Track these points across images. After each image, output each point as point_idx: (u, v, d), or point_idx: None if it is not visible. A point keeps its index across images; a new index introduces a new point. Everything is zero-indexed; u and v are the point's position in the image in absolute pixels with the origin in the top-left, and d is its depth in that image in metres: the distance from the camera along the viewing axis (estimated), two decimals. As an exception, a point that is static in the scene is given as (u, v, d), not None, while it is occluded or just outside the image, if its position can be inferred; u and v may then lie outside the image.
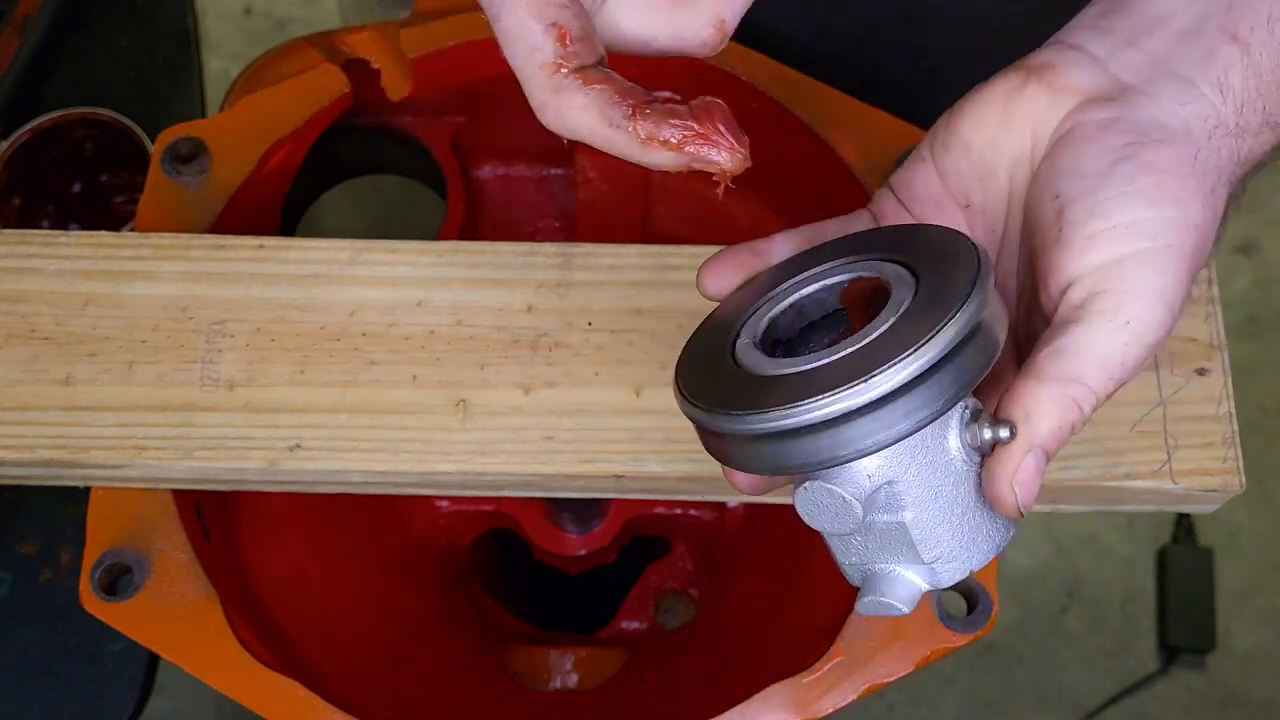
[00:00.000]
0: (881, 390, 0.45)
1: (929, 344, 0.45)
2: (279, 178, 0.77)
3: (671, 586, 0.90)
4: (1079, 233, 0.48)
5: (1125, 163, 0.48)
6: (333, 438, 0.64)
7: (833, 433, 0.45)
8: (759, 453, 0.47)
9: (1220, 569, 1.65)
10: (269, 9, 1.88)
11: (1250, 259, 1.79)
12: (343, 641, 0.76)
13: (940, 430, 0.48)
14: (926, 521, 0.48)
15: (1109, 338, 0.47)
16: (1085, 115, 0.50)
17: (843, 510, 0.48)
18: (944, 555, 0.49)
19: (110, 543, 0.66)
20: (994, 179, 0.52)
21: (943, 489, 0.48)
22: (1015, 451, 0.47)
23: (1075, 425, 0.48)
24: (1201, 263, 0.49)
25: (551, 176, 0.90)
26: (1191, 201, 0.48)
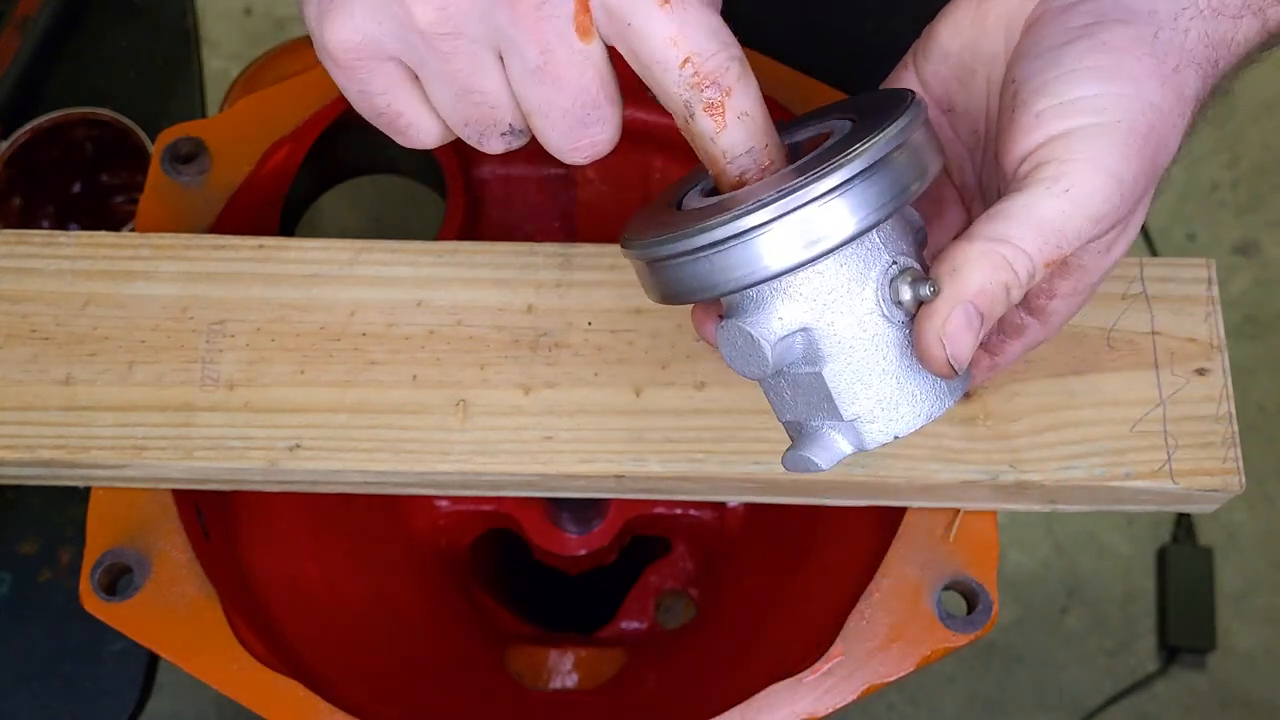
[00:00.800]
0: (775, 211, 0.45)
1: (833, 166, 0.45)
2: (279, 178, 0.77)
3: (671, 586, 0.90)
4: (1028, 112, 0.47)
5: (1079, 41, 0.47)
6: (333, 438, 0.64)
7: (733, 250, 0.46)
8: (675, 277, 0.48)
9: (1220, 569, 1.65)
10: (269, 9, 1.88)
11: (1250, 259, 1.79)
12: (343, 641, 0.76)
13: (858, 278, 0.48)
14: (844, 375, 0.48)
15: (1045, 202, 0.46)
16: (1051, 2, 0.49)
17: (754, 352, 0.48)
18: (864, 414, 0.49)
19: (110, 543, 0.66)
20: (973, 79, 0.52)
21: (859, 342, 0.48)
22: (941, 303, 0.46)
23: (1009, 286, 0.46)
24: (1161, 150, 0.48)
25: (551, 176, 0.90)
26: (1147, 80, 0.47)
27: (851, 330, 0.48)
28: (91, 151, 0.92)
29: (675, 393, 0.65)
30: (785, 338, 0.48)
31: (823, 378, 0.48)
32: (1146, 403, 0.64)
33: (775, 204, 0.45)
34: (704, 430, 0.64)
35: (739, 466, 0.64)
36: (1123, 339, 0.66)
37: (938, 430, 0.64)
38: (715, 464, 0.64)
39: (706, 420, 0.64)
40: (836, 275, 0.47)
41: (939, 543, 0.66)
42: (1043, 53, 0.48)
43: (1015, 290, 0.46)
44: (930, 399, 0.50)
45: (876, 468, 0.63)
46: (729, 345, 0.49)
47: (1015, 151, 0.48)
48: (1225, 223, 1.81)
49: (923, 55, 0.53)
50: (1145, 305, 0.66)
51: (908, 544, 0.66)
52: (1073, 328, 0.66)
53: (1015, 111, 0.48)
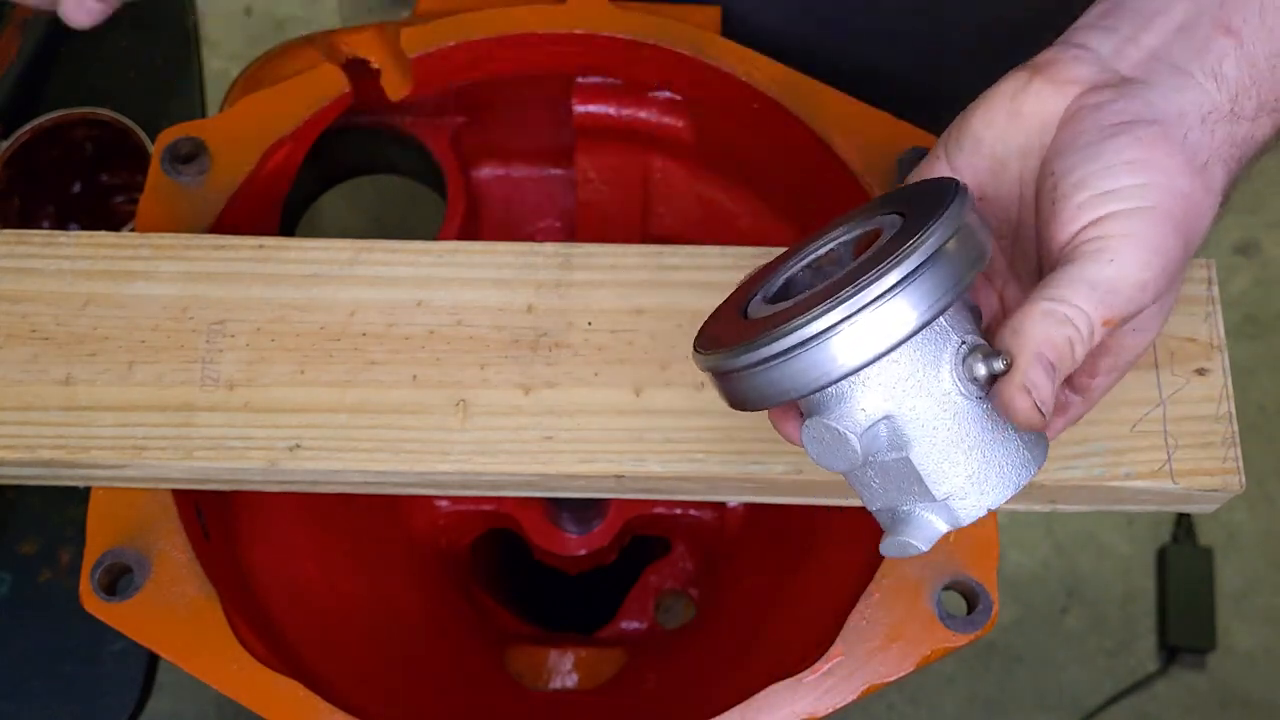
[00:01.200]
0: (844, 312, 0.46)
1: (896, 260, 0.47)
2: (279, 178, 0.77)
3: (671, 586, 0.90)
4: (1070, 203, 0.50)
5: (1115, 138, 0.50)
6: (333, 438, 0.64)
7: (809, 354, 0.47)
8: (751, 385, 0.49)
9: (1220, 569, 1.65)
10: (269, 9, 1.89)
11: (1250, 259, 1.79)
12: (343, 641, 0.76)
13: (932, 362, 0.49)
14: (931, 456, 0.50)
15: (1094, 269, 0.49)
16: (1085, 100, 0.52)
17: (841, 445, 0.50)
18: (955, 491, 0.50)
19: (110, 543, 0.65)
20: (1005, 171, 0.54)
21: (942, 422, 0.50)
22: (1018, 358, 0.48)
23: (1072, 340, 0.48)
24: (1194, 233, 0.51)
25: (551, 176, 0.90)
26: (1179, 173, 0.50)
27: (933, 411, 0.50)
28: (91, 151, 0.92)
29: (675, 393, 0.65)
30: (870, 428, 0.49)
31: (910, 461, 0.50)
32: (1146, 403, 0.64)
33: (845, 304, 0.47)
34: (704, 430, 0.64)
35: (739, 466, 0.64)
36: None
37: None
38: (715, 464, 0.64)
39: (706, 420, 0.64)
40: (912, 362, 0.49)
41: (939, 542, 0.66)
42: (1081, 148, 0.51)
43: (1079, 346, 0.49)
44: (1016, 468, 0.51)
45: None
46: (815, 443, 0.50)
47: (1059, 238, 0.50)
48: (1225, 223, 1.81)
49: (955, 145, 0.55)
50: (1145, 305, 0.66)
51: (908, 544, 0.66)
52: (1073, 328, 0.66)
53: (1057, 204, 0.51)
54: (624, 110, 0.83)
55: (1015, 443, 0.51)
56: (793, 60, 0.77)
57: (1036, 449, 0.52)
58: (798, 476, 0.64)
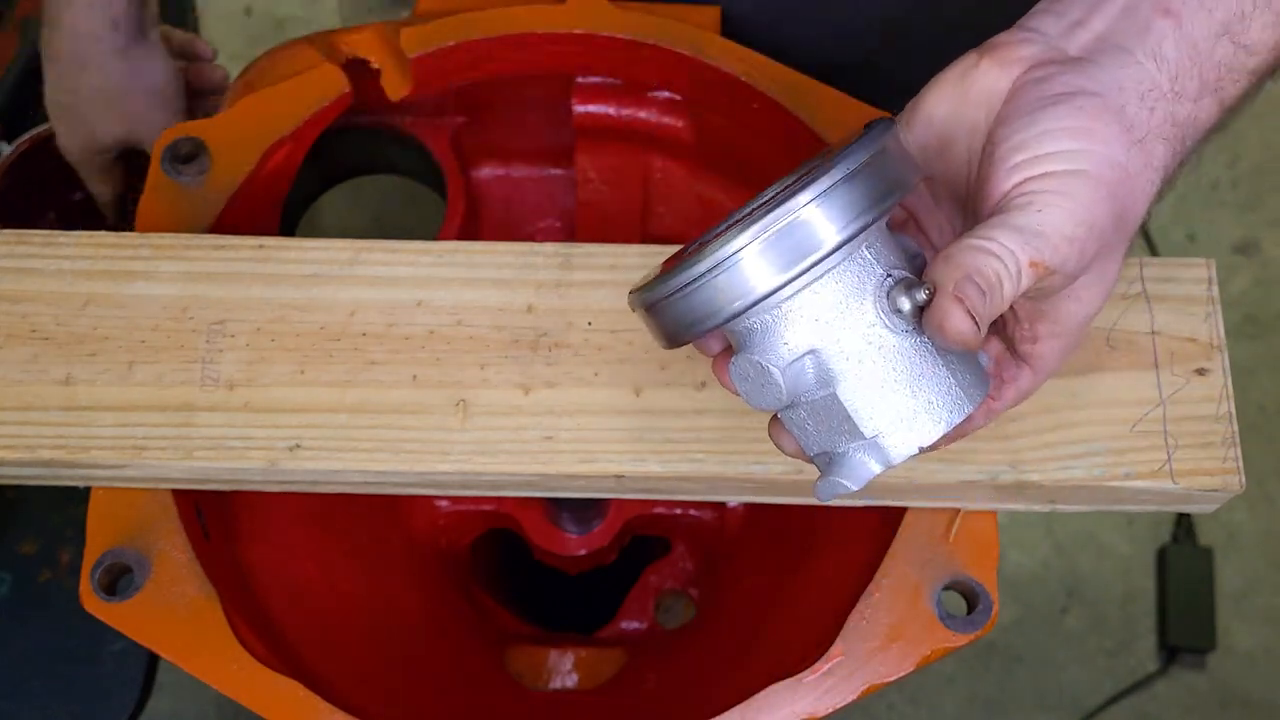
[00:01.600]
0: (754, 234, 0.46)
1: (806, 181, 0.47)
2: (279, 178, 0.77)
3: (671, 586, 0.90)
4: (1004, 165, 0.51)
5: (1054, 106, 0.51)
6: (333, 438, 0.64)
7: (723, 276, 0.47)
8: (673, 314, 0.49)
9: (1220, 569, 1.65)
10: (269, 9, 1.89)
11: (1250, 259, 1.79)
12: (343, 641, 0.76)
13: (855, 294, 0.49)
14: (858, 392, 0.49)
15: (1021, 216, 0.49)
16: (1029, 75, 0.53)
17: (766, 381, 0.49)
18: (885, 429, 0.50)
19: (110, 543, 0.65)
20: (953, 148, 0.55)
21: (867, 356, 0.49)
22: (945, 280, 0.48)
23: (1000, 275, 0.48)
24: (1129, 204, 0.51)
25: (551, 176, 0.90)
26: (1115, 142, 0.51)
27: (858, 345, 0.49)
28: None
29: (675, 393, 0.65)
30: (794, 362, 0.49)
31: (838, 398, 0.50)
32: (1146, 403, 0.64)
33: (754, 226, 0.46)
34: (704, 430, 0.64)
35: (739, 466, 0.64)
36: (1123, 339, 0.66)
37: (938, 430, 0.64)
38: (715, 464, 0.64)
39: (706, 420, 0.64)
40: (834, 292, 0.49)
41: (939, 543, 0.66)
42: (1021, 115, 0.52)
43: (1007, 282, 0.49)
44: (948, 404, 0.50)
45: (876, 468, 0.63)
46: (743, 380, 0.50)
47: (993, 196, 0.51)
48: (1225, 222, 1.81)
49: (907, 123, 0.56)
50: (1145, 305, 0.66)
51: (908, 544, 0.66)
52: (1073, 328, 0.66)
53: (992, 167, 0.51)
54: (624, 110, 0.83)
55: (947, 379, 0.50)
56: (791, 60, 0.77)
57: (971, 389, 0.51)
58: (798, 476, 0.64)
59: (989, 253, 0.49)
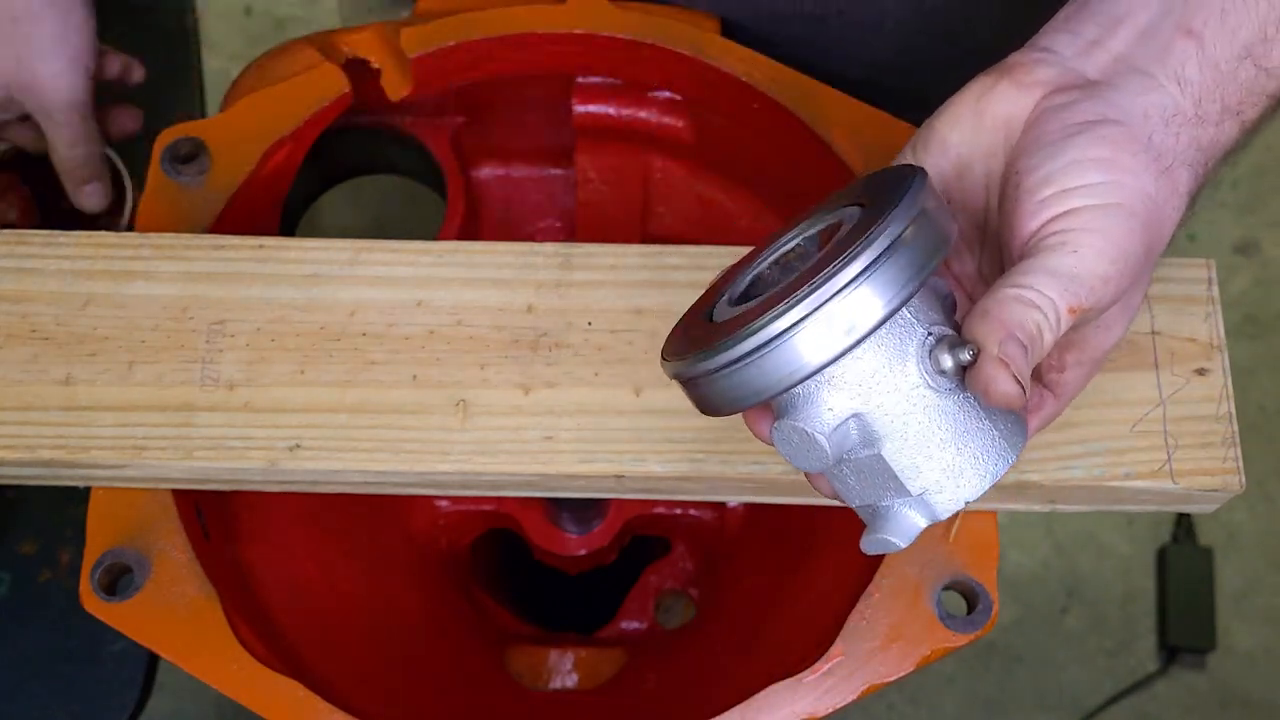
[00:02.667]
0: (803, 310, 0.46)
1: (853, 254, 0.46)
2: (279, 178, 0.77)
3: (671, 586, 0.90)
4: (1033, 199, 0.50)
5: (1079, 136, 0.50)
6: (333, 438, 0.64)
7: (770, 356, 0.47)
8: (716, 391, 0.49)
9: (1220, 569, 1.65)
10: (269, 9, 1.88)
11: (1250, 259, 1.79)
12: (343, 641, 0.76)
13: (898, 356, 0.49)
14: (903, 452, 0.49)
15: (1056, 259, 0.49)
16: (1050, 101, 0.52)
17: (810, 446, 0.49)
18: (931, 486, 0.50)
19: (110, 543, 0.65)
20: (970, 174, 0.54)
21: (912, 416, 0.49)
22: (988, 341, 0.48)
23: (1040, 325, 0.48)
24: (1158, 234, 0.51)
25: (551, 176, 0.90)
26: (1144, 173, 0.50)
27: (901, 407, 0.49)
28: None
29: (675, 393, 0.64)
30: (838, 427, 0.49)
31: (883, 458, 0.49)
32: (1146, 403, 0.64)
33: (803, 304, 0.46)
34: (704, 430, 0.64)
35: (739, 466, 0.64)
36: (1123, 339, 0.66)
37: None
38: (715, 464, 0.64)
39: (706, 420, 0.64)
40: (876, 357, 0.48)
41: (939, 543, 0.66)
42: (1045, 146, 0.51)
43: (1047, 332, 0.48)
44: (992, 457, 0.50)
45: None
46: (786, 444, 0.50)
47: (1022, 234, 0.50)
48: (1225, 223, 1.81)
49: (922, 148, 0.55)
50: (1145, 305, 0.66)
51: (908, 544, 0.66)
52: (1073, 328, 0.66)
53: (1020, 200, 0.50)
54: (624, 110, 0.83)
55: (990, 432, 0.50)
56: (791, 60, 0.77)
57: (1013, 437, 0.51)
58: (798, 476, 0.64)
59: (1028, 303, 0.48)
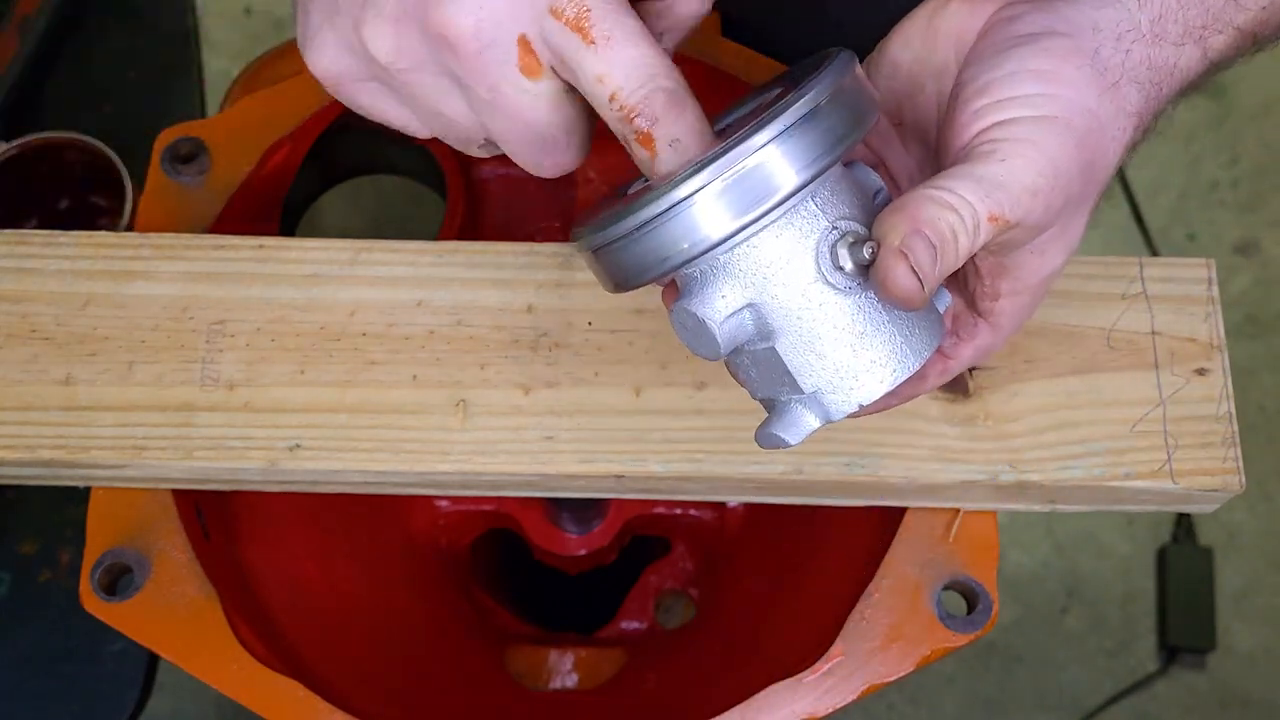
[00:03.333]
0: (697, 183, 0.44)
1: (747, 134, 0.44)
2: (279, 178, 0.77)
3: (671, 586, 0.90)
4: (968, 109, 0.48)
5: (1022, 47, 0.49)
6: (333, 438, 0.64)
7: (662, 229, 0.45)
8: (619, 261, 0.47)
9: (1220, 569, 1.65)
10: (269, 9, 1.88)
11: (1250, 259, 1.79)
12: (343, 641, 0.76)
13: (796, 251, 0.47)
14: (796, 348, 0.47)
15: (982, 166, 0.47)
16: (1000, 14, 0.51)
17: (703, 332, 0.47)
18: (824, 385, 0.48)
19: (110, 543, 0.66)
20: (921, 93, 0.53)
21: (806, 313, 0.47)
22: (891, 233, 0.45)
23: (954, 228, 0.46)
24: (1098, 152, 0.49)
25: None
26: (1086, 86, 0.48)
27: (796, 302, 0.47)
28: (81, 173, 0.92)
29: (675, 393, 0.65)
30: (731, 316, 0.47)
31: (776, 352, 0.48)
32: (1146, 403, 0.64)
33: (700, 174, 0.44)
34: (704, 430, 0.64)
35: (739, 466, 0.64)
36: (1123, 339, 0.66)
37: (937, 430, 0.64)
38: (715, 464, 0.64)
39: (706, 420, 0.64)
40: (773, 247, 0.46)
41: (939, 543, 0.66)
42: (987, 57, 0.49)
43: (962, 236, 0.46)
44: (892, 362, 0.48)
45: (876, 467, 0.63)
46: (681, 328, 0.48)
47: (956, 143, 0.48)
48: (1225, 223, 1.81)
49: (875, 69, 0.54)
50: (1145, 305, 0.66)
51: (908, 544, 0.66)
52: (1072, 328, 0.66)
53: (955, 111, 0.49)
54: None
55: (892, 336, 0.48)
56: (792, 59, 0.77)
57: (918, 344, 0.49)
58: (798, 476, 0.64)
59: (944, 204, 0.45)
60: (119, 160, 0.87)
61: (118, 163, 0.87)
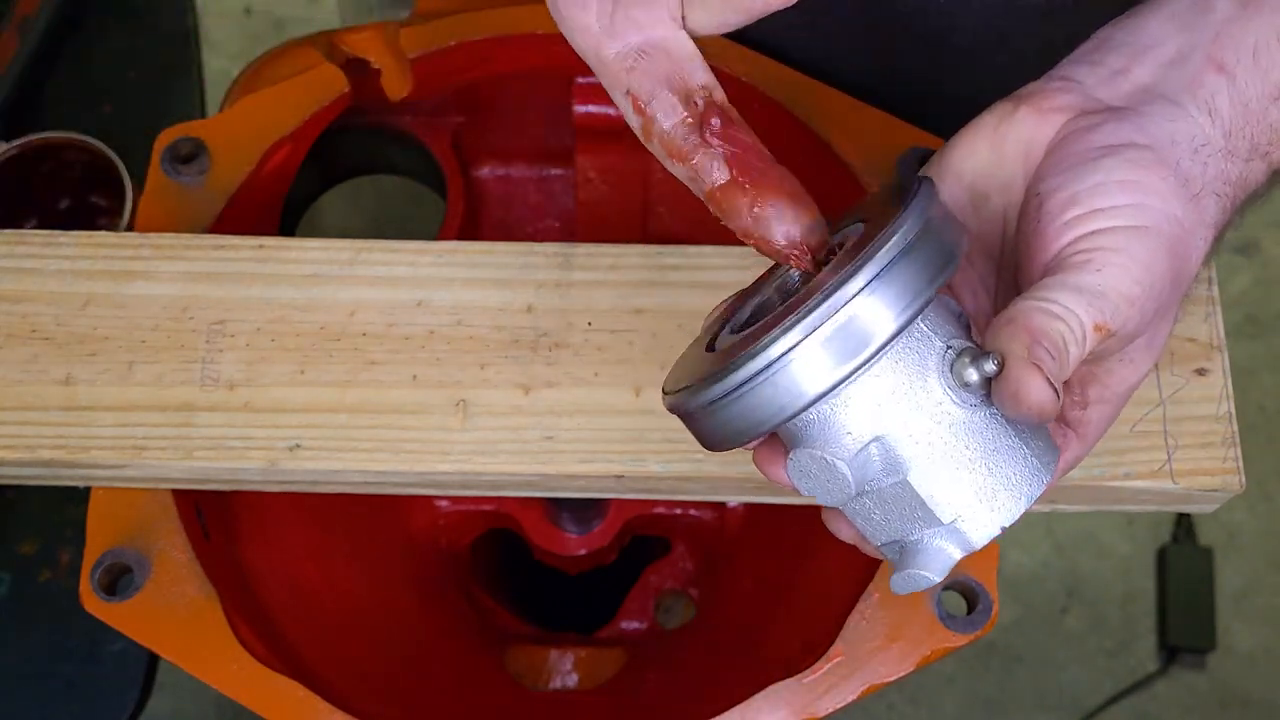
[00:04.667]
0: (803, 331, 0.43)
1: (856, 265, 0.43)
2: (279, 178, 0.77)
3: (671, 586, 0.90)
4: (1056, 221, 0.48)
5: (1105, 159, 0.48)
6: (333, 438, 0.64)
7: (774, 379, 0.44)
8: (719, 422, 0.46)
9: (1220, 569, 1.65)
10: (269, 9, 1.88)
11: (1250, 259, 1.79)
12: (342, 641, 0.76)
13: (918, 372, 0.45)
14: (931, 476, 0.46)
15: (1080, 276, 0.47)
16: (1073, 125, 0.50)
17: (830, 475, 0.46)
18: (964, 513, 0.46)
19: (110, 543, 0.66)
20: (986, 205, 0.52)
21: (938, 435, 0.46)
22: (1014, 346, 0.45)
23: (1065, 337, 0.45)
24: (1185, 261, 0.49)
25: (551, 176, 0.90)
26: (1172, 197, 0.48)
27: (925, 426, 0.46)
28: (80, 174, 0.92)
29: (675, 393, 0.65)
30: (859, 452, 0.46)
31: (909, 484, 0.46)
32: (1146, 403, 0.64)
33: (806, 320, 0.43)
34: (704, 430, 0.64)
35: (739, 466, 0.64)
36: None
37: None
38: (715, 464, 0.64)
39: (706, 420, 0.64)
40: (894, 374, 0.45)
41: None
42: (1070, 168, 0.49)
43: (1073, 346, 0.46)
44: (1026, 477, 0.47)
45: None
46: (803, 477, 0.47)
47: (1045, 255, 0.48)
48: (1225, 223, 1.81)
49: (935, 176, 0.53)
50: (1145, 305, 0.66)
51: (908, 544, 0.66)
52: (1073, 328, 0.66)
53: (1042, 221, 0.48)
54: (623, 110, 0.83)
55: (1021, 450, 0.47)
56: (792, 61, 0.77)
57: (1045, 457, 0.48)
58: (798, 476, 0.64)
59: (1053, 315, 0.45)
60: (119, 160, 0.87)
61: (118, 163, 0.87)
